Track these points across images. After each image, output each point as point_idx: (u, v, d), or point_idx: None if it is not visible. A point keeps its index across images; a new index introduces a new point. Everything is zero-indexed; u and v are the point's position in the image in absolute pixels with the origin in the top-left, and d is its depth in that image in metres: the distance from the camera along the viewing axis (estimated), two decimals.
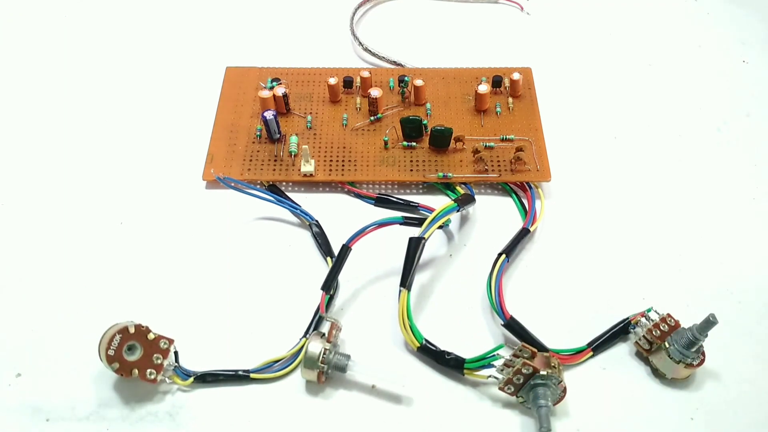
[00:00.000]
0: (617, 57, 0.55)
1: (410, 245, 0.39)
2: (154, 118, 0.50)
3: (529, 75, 0.51)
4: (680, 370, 0.37)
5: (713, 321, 0.35)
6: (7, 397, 0.37)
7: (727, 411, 0.37)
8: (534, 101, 0.49)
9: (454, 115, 0.49)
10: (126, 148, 0.48)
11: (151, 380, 0.36)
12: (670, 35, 0.55)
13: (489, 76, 0.50)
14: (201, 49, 0.55)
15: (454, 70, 0.52)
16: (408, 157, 0.46)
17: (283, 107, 0.48)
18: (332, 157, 0.46)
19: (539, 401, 0.35)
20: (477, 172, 0.45)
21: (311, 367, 0.36)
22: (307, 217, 0.43)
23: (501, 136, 0.47)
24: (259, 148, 0.47)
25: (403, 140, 0.47)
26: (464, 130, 0.47)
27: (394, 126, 0.47)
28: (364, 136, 0.48)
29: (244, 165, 0.46)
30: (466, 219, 0.45)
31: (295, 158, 0.46)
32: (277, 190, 0.45)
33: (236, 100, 0.50)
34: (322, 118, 0.49)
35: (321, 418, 0.37)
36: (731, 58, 0.54)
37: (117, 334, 0.35)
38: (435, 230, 0.40)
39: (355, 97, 0.50)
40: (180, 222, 0.44)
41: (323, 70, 0.52)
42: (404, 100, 0.49)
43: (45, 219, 0.44)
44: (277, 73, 0.51)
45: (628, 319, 0.39)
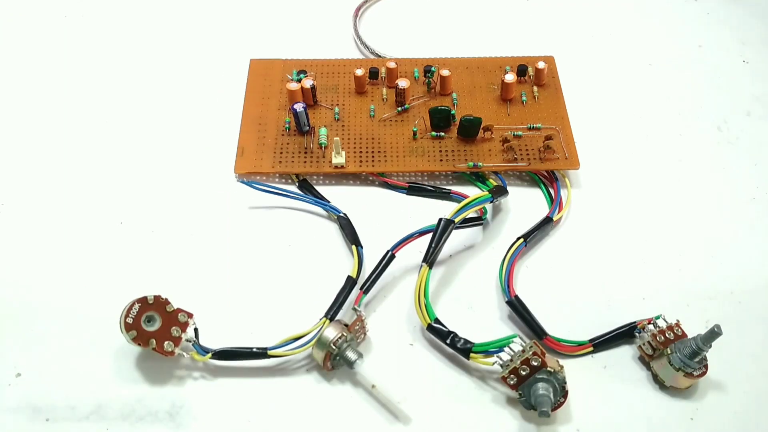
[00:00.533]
0: (617, 57, 0.55)
1: (439, 224, 0.40)
2: (182, 113, 0.50)
3: (553, 63, 0.51)
4: (680, 379, 0.36)
5: (718, 332, 0.34)
6: (7, 397, 0.37)
7: (727, 411, 0.37)
8: (558, 89, 0.50)
9: (481, 104, 0.49)
10: (155, 143, 0.48)
11: (169, 352, 0.36)
12: (670, 35, 0.55)
13: (513, 65, 0.51)
14: (222, 43, 0.55)
15: (478, 59, 0.52)
16: (437, 148, 0.46)
17: (311, 99, 0.48)
18: (361, 148, 0.46)
19: (540, 391, 0.34)
20: (506, 161, 0.45)
21: (321, 347, 0.36)
22: (335, 211, 0.44)
23: (528, 125, 0.47)
24: (288, 140, 0.47)
25: (432, 131, 0.47)
26: (491, 120, 0.47)
27: (422, 117, 0.48)
28: (392, 127, 0.48)
29: (275, 158, 0.46)
30: (497, 209, 0.45)
31: (325, 150, 0.46)
32: (308, 185, 0.46)
33: (262, 92, 0.50)
34: (349, 109, 0.49)
35: (321, 407, 0.37)
36: (731, 58, 0.54)
37: (136, 303, 0.35)
38: (466, 216, 0.41)
39: (381, 88, 0.50)
40: (211, 213, 0.44)
41: (348, 62, 0.52)
42: (430, 90, 0.49)
43: (49, 217, 0.44)
44: (301, 65, 0.51)
45: (635, 323, 0.39)
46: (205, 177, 0.46)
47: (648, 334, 0.37)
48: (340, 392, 0.38)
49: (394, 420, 0.37)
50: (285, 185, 0.46)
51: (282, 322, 0.39)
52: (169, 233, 0.44)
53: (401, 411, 0.36)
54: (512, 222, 0.44)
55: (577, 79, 0.52)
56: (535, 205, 0.45)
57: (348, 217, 0.43)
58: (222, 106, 0.50)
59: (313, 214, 0.45)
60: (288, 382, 0.38)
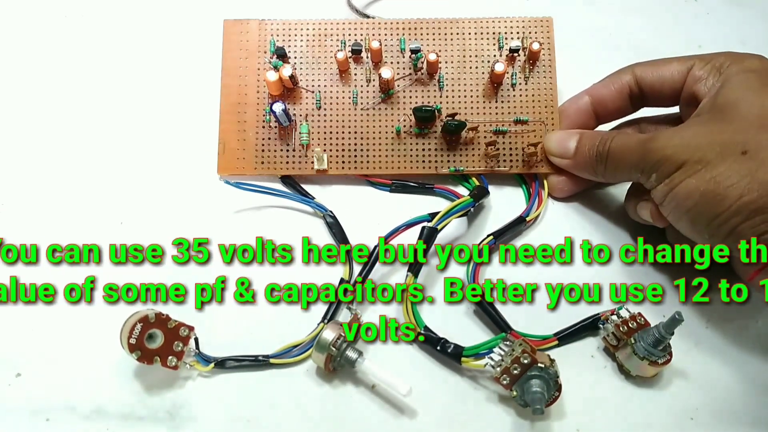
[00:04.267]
0: (617, 56, 0.55)
1: (422, 234, 0.41)
2: (166, 111, 0.49)
3: (550, 26, 0.48)
4: (645, 368, 0.37)
5: (679, 319, 0.35)
6: (7, 397, 0.37)
7: (727, 411, 0.37)
8: (553, 62, 0.47)
9: (467, 90, 0.47)
10: (140, 143, 0.47)
11: (173, 367, 0.37)
12: (670, 35, 0.55)
13: (507, 31, 0.48)
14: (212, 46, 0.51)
15: (471, 20, 0.48)
16: (420, 146, 0.46)
17: (290, 84, 0.46)
18: (344, 146, 0.46)
19: (533, 389, 0.35)
20: (489, 164, 0.45)
21: (321, 350, 0.36)
22: (321, 209, 0.44)
23: (515, 118, 0.46)
24: (269, 134, 0.46)
25: (416, 127, 0.46)
26: (477, 109, 0.46)
27: (406, 115, 0.46)
28: (376, 118, 0.46)
29: (257, 158, 0.45)
30: (479, 209, 0.45)
31: (307, 148, 0.46)
32: (291, 181, 0.46)
33: (240, 66, 0.47)
34: (331, 94, 0.47)
35: (321, 407, 0.38)
36: None
37: (138, 323, 0.36)
38: (449, 222, 0.41)
39: (365, 67, 0.47)
40: (194, 211, 0.45)
41: (331, 24, 0.48)
42: (416, 71, 0.47)
43: (49, 217, 0.44)
44: (280, 29, 0.48)
45: (598, 315, 0.39)
46: (187, 178, 0.46)
47: (611, 325, 0.38)
48: (340, 392, 0.38)
49: (395, 419, 0.37)
50: (268, 183, 0.45)
51: (279, 324, 0.40)
52: (166, 235, 0.44)
53: (407, 404, 0.37)
54: (493, 220, 0.45)
55: (575, 79, 0.52)
56: (519, 204, 0.45)
57: (335, 216, 0.44)
58: (200, 92, 0.48)
59: (300, 212, 0.45)
60: (288, 382, 0.38)
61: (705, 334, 0.40)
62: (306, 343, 0.39)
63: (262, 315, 0.41)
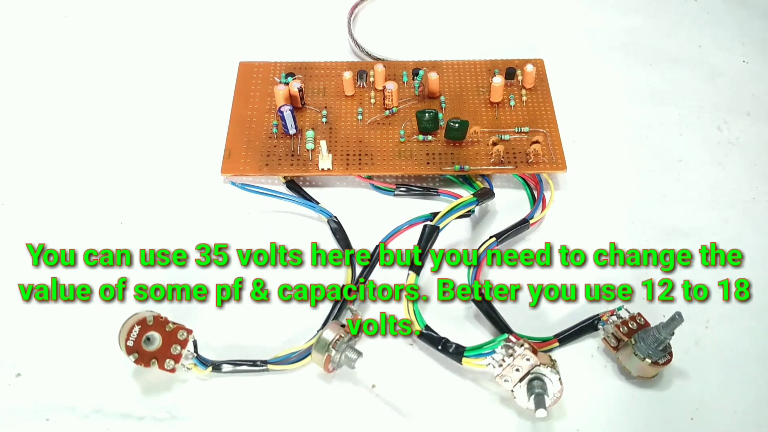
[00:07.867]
0: (617, 56, 0.55)
1: (424, 231, 0.41)
2: (170, 115, 0.50)
3: (542, 67, 0.51)
4: (646, 368, 0.37)
5: (679, 319, 0.35)
6: (7, 397, 0.37)
7: (727, 411, 0.37)
8: (547, 92, 0.49)
9: (469, 107, 0.49)
10: (143, 145, 0.48)
11: (170, 370, 0.36)
12: (670, 35, 0.55)
13: (501, 68, 0.50)
14: (212, 45, 0.54)
15: (468, 62, 0.52)
16: (424, 150, 0.46)
17: (299, 102, 0.48)
18: (349, 151, 0.47)
19: (535, 390, 0.35)
20: (494, 164, 0.45)
21: (321, 351, 0.36)
22: (324, 213, 0.44)
23: (516, 128, 0.47)
24: (275, 143, 0.47)
25: (419, 133, 0.47)
26: (479, 123, 0.47)
27: (409, 120, 0.47)
28: (380, 130, 0.48)
29: (262, 160, 0.46)
30: (484, 211, 0.45)
31: (313, 153, 0.46)
32: (296, 186, 0.46)
33: (251, 95, 0.50)
34: (337, 112, 0.49)
35: (321, 407, 0.37)
36: (731, 58, 0.54)
37: (136, 325, 0.36)
38: (451, 221, 0.41)
39: (369, 92, 0.50)
40: (199, 216, 0.45)
41: (337, 64, 0.52)
42: (418, 93, 0.49)
43: (53, 217, 0.45)
44: (290, 68, 0.51)
45: (598, 316, 0.39)
46: (192, 180, 0.47)
47: (611, 325, 0.38)
48: (340, 391, 0.38)
49: (395, 420, 0.37)
50: (272, 186, 0.46)
51: (279, 327, 0.40)
52: (169, 237, 0.44)
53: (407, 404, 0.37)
54: (498, 223, 0.45)
55: (573, 78, 0.52)
56: (524, 207, 0.45)
57: (338, 221, 0.44)
58: (210, 108, 0.50)
59: (303, 216, 0.45)
60: (288, 382, 0.38)
61: (705, 334, 0.40)
62: (304, 350, 0.38)
63: (261, 320, 0.41)
